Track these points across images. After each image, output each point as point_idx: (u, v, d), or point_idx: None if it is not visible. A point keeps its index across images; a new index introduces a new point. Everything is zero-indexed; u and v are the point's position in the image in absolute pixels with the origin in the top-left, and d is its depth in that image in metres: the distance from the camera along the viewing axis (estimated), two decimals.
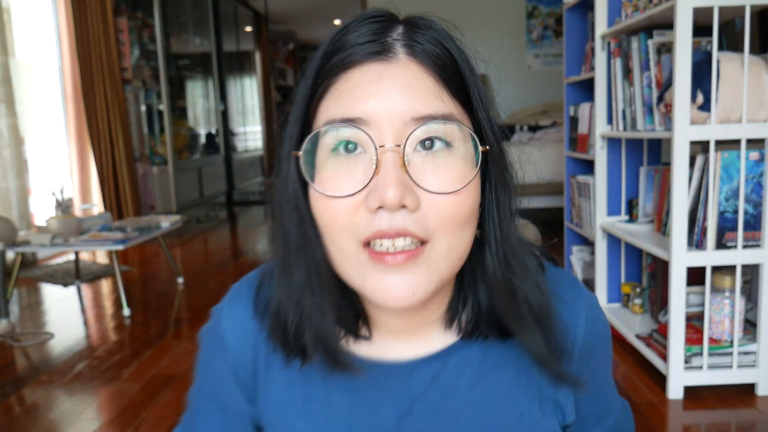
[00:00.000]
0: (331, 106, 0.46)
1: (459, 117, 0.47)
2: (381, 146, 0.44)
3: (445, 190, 0.44)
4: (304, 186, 0.49)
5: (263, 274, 0.57)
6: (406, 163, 0.44)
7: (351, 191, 0.44)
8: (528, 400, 0.55)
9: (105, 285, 3.63)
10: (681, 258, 1.82)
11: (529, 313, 0.50)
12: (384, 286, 0.46)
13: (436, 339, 0.55)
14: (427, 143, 0.45)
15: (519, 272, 0.50)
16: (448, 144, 0.45)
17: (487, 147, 0.47)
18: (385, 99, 0.44)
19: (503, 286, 0.50)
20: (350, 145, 0.45)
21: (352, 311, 0.53)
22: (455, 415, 0.54)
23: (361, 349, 0.55)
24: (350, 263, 0.47)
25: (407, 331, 0.54)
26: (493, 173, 0.49)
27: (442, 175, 0.45)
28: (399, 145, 0.44)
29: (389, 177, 0.43)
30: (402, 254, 0.44)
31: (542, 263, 0.57)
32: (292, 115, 0.49)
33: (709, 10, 1.76)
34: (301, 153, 0.47)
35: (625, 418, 0.69)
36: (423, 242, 0.45)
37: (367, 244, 0.45)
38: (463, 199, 0.45)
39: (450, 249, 0.46)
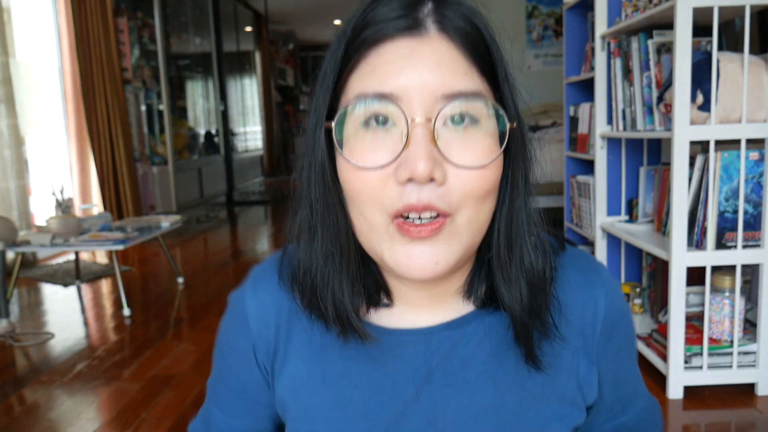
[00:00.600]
0: (363, 81, 0.46)
1: (486, 94, 0.48)
2: (412, 120, 0.45)
3: (472, 164, 0.46)
4: (332, 157, 0.50)
5: (284, 253, 0.58)
6: (436, 137, 0.45)
7: (381, 163, 0.46)
8: (549, 372, 0.55)
9: (105, 285, 3.63)
10: (681, 258, 1.82)
11: (520, 273, 0.51)
12: (407, 256, 0.47)
13: (455, 309, 0.56)
14: (456, 119, 0.46)
15: (522, 235, 0.51)
16: (475, 120, 0.46)
17: (513, 123, 0.48)
18: (417, 75, 0.45)
19: (504, 248, 0.51)
20: (381, 118, 0.46)
21: (373, 281, 0.55)
22: (474, 384, 0.54)
23: (381, 318, 0.56)
24: (377, 234, 0.48)
25: (426, 303, 0.55)
26: (514, 150, 0.50)
27: (469, 150, 0.46)
28: (429, 120, 0.45)
29: (420, 150, 0.44)
30: (426, 227, 0.46)
31: (562, 242, 0.58)
32: (320, 87, 0.50)
33: (709, 10, 1.76)
34: (333, 124, 0.47)
35: (652, 413, 0.67)
36: (445, 215, 0.47)
37: (395, 216, 0.47)
38: (487, 173, 0.47)
39: (470, 221, 0.48)
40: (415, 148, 0.44)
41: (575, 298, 0.56)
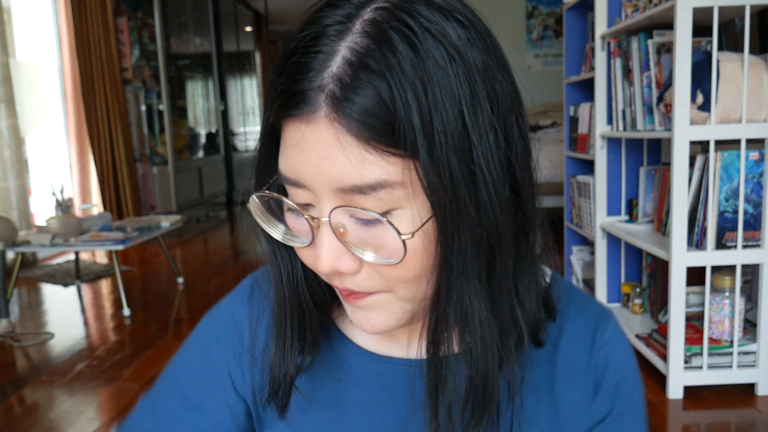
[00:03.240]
0: (280, 156, 0.42)
1: (396, 176, 0.38)
2: (315, 218, 0.41)
3: (387, 260, 0.40)
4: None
5: (259, 276, 0.56)
6: (342, 230, 0.40)
7: (303, 242, 0.43)
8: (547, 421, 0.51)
9: (105, 285, 3.63)
10: (681, 258, 1.82)
11: (457, 360, 0.44)
12: (352, 313, 0.46)
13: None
14: (361, 218, 0.40)
15: (469, 314, 0.42)
16: (382, 214, 0.39)
17: (411, 234, 0.39)
18: (310, 167, 0.39)
19: (455, 319, 0.43)
20: (291, 206, 0.42)
21: None
22: None
23: (362, 336, 0.53)
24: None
25: (411, 333, 0.50)
26: (450, 224, 0.39)
27: (379, 247, 0.40)
28: (328, 215, 0.40)
29: (322, 248, 0.40)
30: (356, 296, 0.43)
31: (553, 313, 0.51)
32: (258, 148, 0.46)
33: (709, 10, 1.76)
34: (249, 207, 0.45)
35: None
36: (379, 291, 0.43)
37: None
38: (410, 263, 0.40)
39: (407, 299, 0.43)
40: (319, 245, 0.41)
41: (570, 335, 0.51)
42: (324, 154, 0.38)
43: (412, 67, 0.37)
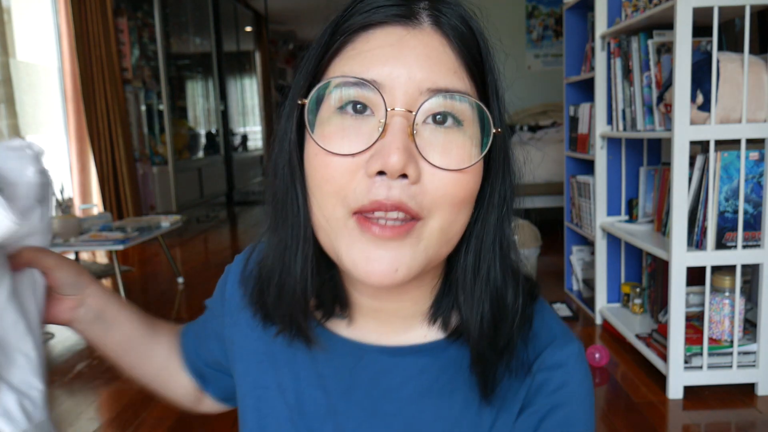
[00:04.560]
0: (347, 64, 0.44)
1: (474, 97, 0.45)
2: (391, 109, 0.42)
3: (450, 166, 0.43)
4: (301, 142, 0.47)
5: (256, 245, 0.57)
6: (415, 132, 0.42)
7: (353, 151, 0.42)
8: (496, 409, 0.50)
9: (105, 285, 3.62)
10: (681, 258, 1.82)
11: (485, 295, 0.47)
12: (366, 258, 0.43)
13: (419, 334, 0.52)
14: (439, 117, 0.43)
15: (491, 256, 0.48)
16: (459, 122, 0.44)
17: (499, 129, 0.46)
18: (403, 64, 0.42)
19: (471, 265, 0.48)
20: (359, 106, 0.43)
21: (332, 287, 0.52)
22: (388, 418, 0.51)
23: (340, 327, 0.54)
24: (335, 230, 0.44)
25: (384, 319, 0.52)
26: (496, 162, 0.47)
27: (449, 152, 0.43)
28: (410, 112, 0.42)
29: (395, 141, 0.41)
30: (391, 229, 0.42)
31: (536, 288, 0.53)
32: (301, 69, 0.47)
33: (709, 10, 1.76)
34: (307, 101, 0.44)
35: None
36: (415, 218, 0.43)
37: (356, 212, 0.43)
38: (465, 179, 0.44)
39: (442, 229, 0.44)
40: (391, 138, 0.41)
41: (539, 343, 0.51)
42: (424, 55, 0.43)
43: (481, 29, 0.47)
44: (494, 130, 0.45)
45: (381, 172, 0.41)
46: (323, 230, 0.46)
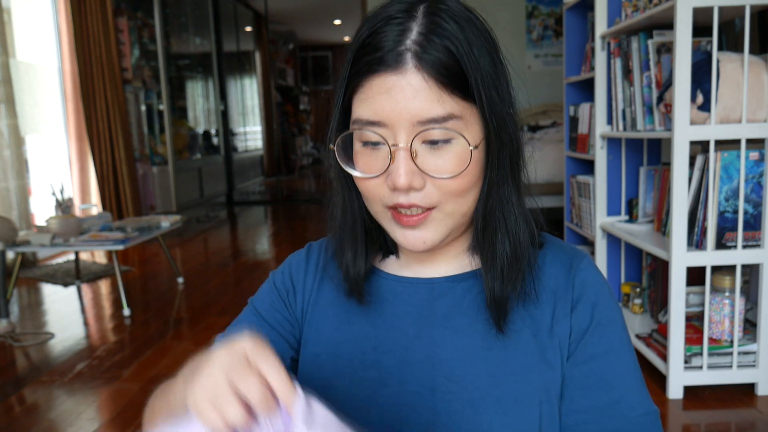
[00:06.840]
0: (360, 107, 0.58)
1: (459, 111, 0.56)
2: (394, 144, 0.56)
3: (445, 175, 0.57)
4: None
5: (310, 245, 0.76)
6: (414, 156, 0.56)
7: (374, 174, 0.59)
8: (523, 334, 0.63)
9: (105, 285, 3.63)
10: (681, 258, 1.82)
11: (506, 239, 0.62)
12: (403, 236, 0.61)
13: (460, 265, 0.67)
14: (429, 142, 0.57)
15: (505, 209, 0.62)
16: (447, 140, 0.57)
17: (483, 136, 0.59)
18: (396, 107, 0.55)
19: (489, 220, 0.62)
20: (371, 143, 0.59)
21: (385, 241, 0.69)
22: (468, 328, 0.63)
23: (393, 267, 0.69)
24: (381, 218, 0.62)
25: (430, 259, 0.67)
26: (495, 146, 0.59)
27: (442, 164, 0.57)
28: (408, 142, 0.56)
29: (400, 167, 0.56)
30: (414, 217, 0.59)
31: (542, 226, 0.67)
32: (335, 107, 0.62)
33: (709, 10, 1.76)
34: (334, 147, 0.61)
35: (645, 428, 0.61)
36: (430, 209, 0.59)
37: (390, 208, 0.60)
38: (461, 178, 0.57)
39: (452, 213, 0.60)
40: (396, 165, 0.56)
41: (552, 263, 0.65)
42: (410, 95, 0.55)
43: (460, 32, 0.56)
44: (476, 142, 0.58)
45: (396, 188, 0.57)
46: (377, 216, 0.63)
